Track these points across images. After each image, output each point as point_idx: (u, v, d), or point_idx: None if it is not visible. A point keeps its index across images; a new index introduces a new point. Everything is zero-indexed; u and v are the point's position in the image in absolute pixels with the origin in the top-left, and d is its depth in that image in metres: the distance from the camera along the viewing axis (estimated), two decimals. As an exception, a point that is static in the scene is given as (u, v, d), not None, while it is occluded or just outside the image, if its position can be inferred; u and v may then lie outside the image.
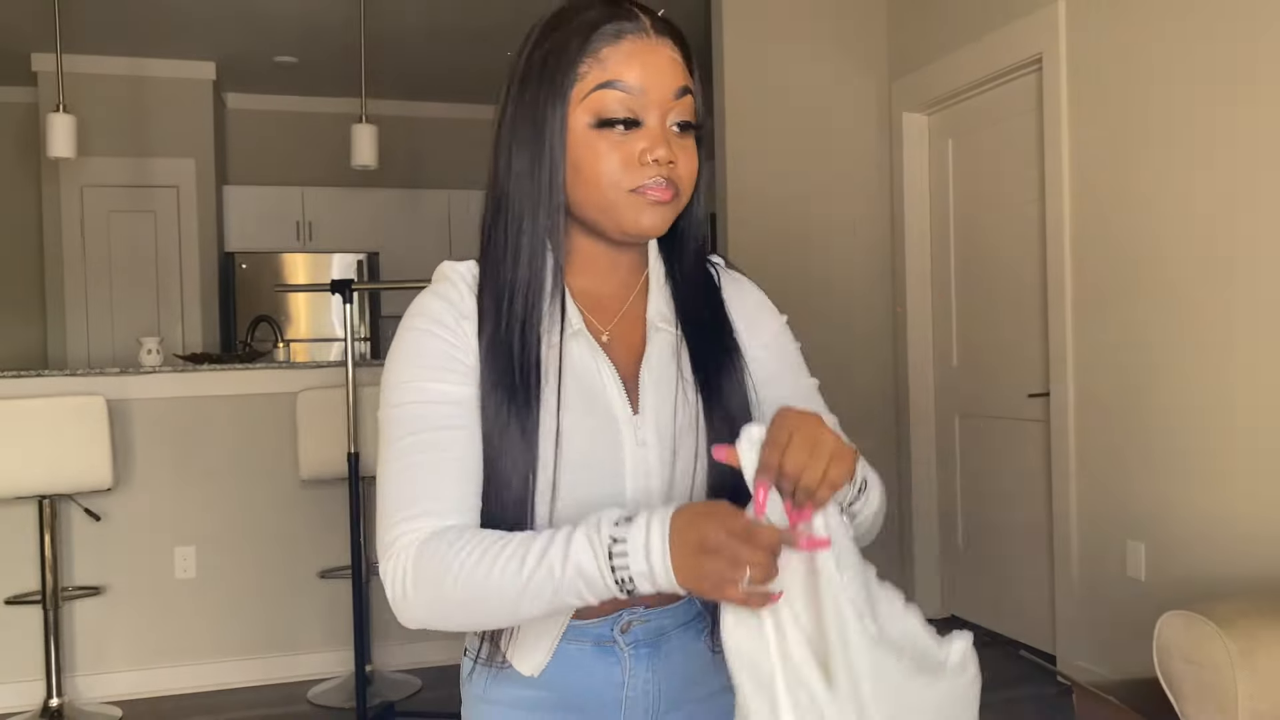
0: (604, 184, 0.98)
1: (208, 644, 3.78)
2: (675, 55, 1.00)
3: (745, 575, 0.82)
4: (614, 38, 0.98)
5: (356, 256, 6.25)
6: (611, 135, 0.97)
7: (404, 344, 1.04)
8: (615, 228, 1.00)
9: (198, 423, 3.78)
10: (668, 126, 0.99)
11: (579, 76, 0.98)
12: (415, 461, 0.96)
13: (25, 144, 6.04)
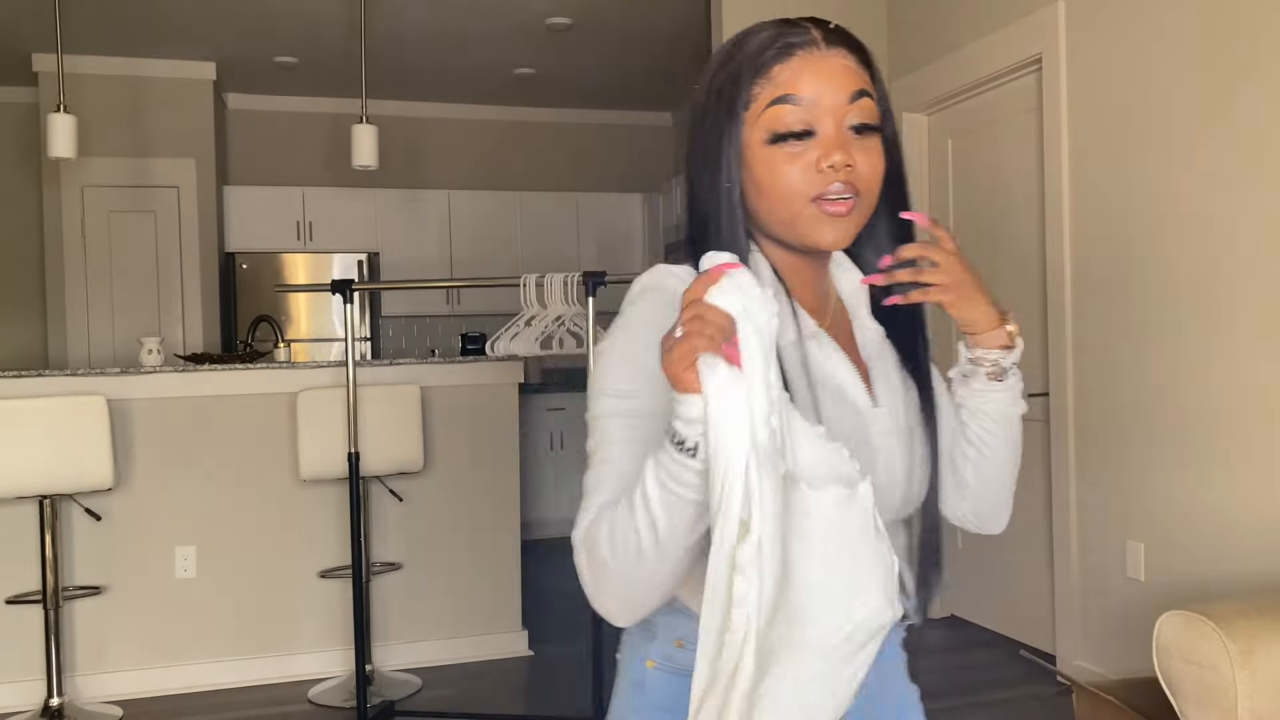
0: (784, 197, 1.00)
1: (208, 644, 3.78)
2: (849, 63, 1.01)
3: (675, 336, 0.84)
4: (784, 54, 1.00)
5: (357, 256, 6.25)
6: (787, 148, 0.99)
7: (628, 351, 1.01)
8: (798, 240, 1.03)
9: (198, 423, 3.78)
10: (844, 130, 1.00)
11: (752, 97, 1.00)
12: (616, 461, 0.98)
13: (26, 144, 6.04)
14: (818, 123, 0.99)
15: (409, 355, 6.79)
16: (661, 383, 0.95)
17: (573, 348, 3.26)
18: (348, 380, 3.41)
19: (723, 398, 0.81)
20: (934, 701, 1.11)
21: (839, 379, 1.05)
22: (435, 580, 4.02)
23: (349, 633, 3.75)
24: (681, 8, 5.15)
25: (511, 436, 4.12)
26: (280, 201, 6.34)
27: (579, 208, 6.85)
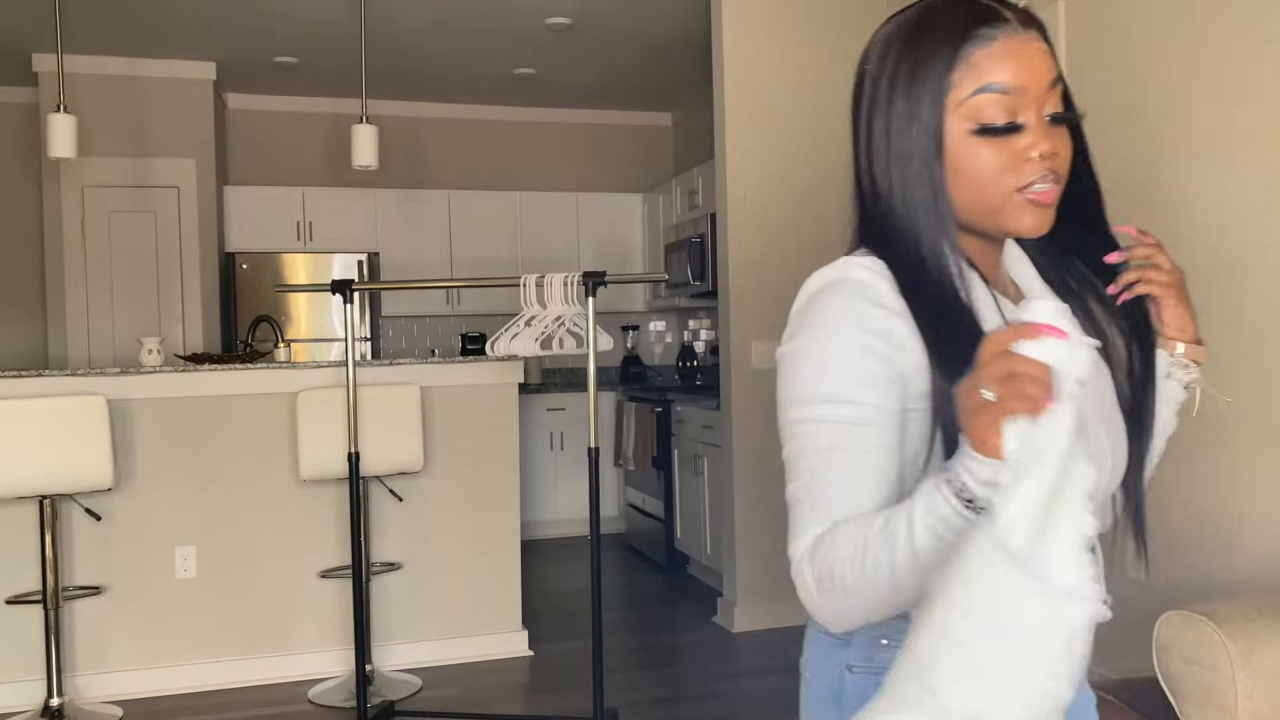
0: (987, 187, 0.98)
1: (208, 644, 3.78)
2: (1043, 46, 0.99)
3: (982, 392, 0.78)
4: (986, 40, 0.97)
5: (357, 256, 6.25)
6: (992, 138, 0.97)
7: (837, 353, 0.97)
8: (996, 228, 1.01)
9: (198, 423, 3.78)
10: (1044, 120, 0.98)
11: (953, 84, 0.97)
12: (834, 474, 0.95)
13: (26, 144, 6.04)
14: (1023, 112, 0.97)
15: (409, 355, 6.79)
16: (886, 387, 0.95)
17: (573, 348, 3.26)
18: (348, 380, 3.41)
19: (1027, 462, 0.75)
20: (934, 701, 1.10)
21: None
22: (435, 580, 4.02)
23: (349, 633, 3.75)
24: (681, 8, 5.15)
25: (511, 436, 4.12)
26: (280, 201, 6.34)
27: (579, 208, 6.85)
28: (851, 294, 0.98)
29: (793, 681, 1.13)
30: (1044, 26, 1.01)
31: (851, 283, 0.99)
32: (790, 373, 0.99)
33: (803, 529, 0.95)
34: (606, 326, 6.87)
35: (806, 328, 0.99)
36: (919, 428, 0.97)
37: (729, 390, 4.29)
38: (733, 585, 4.35)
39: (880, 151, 1.02)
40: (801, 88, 4.37)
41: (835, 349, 0.96)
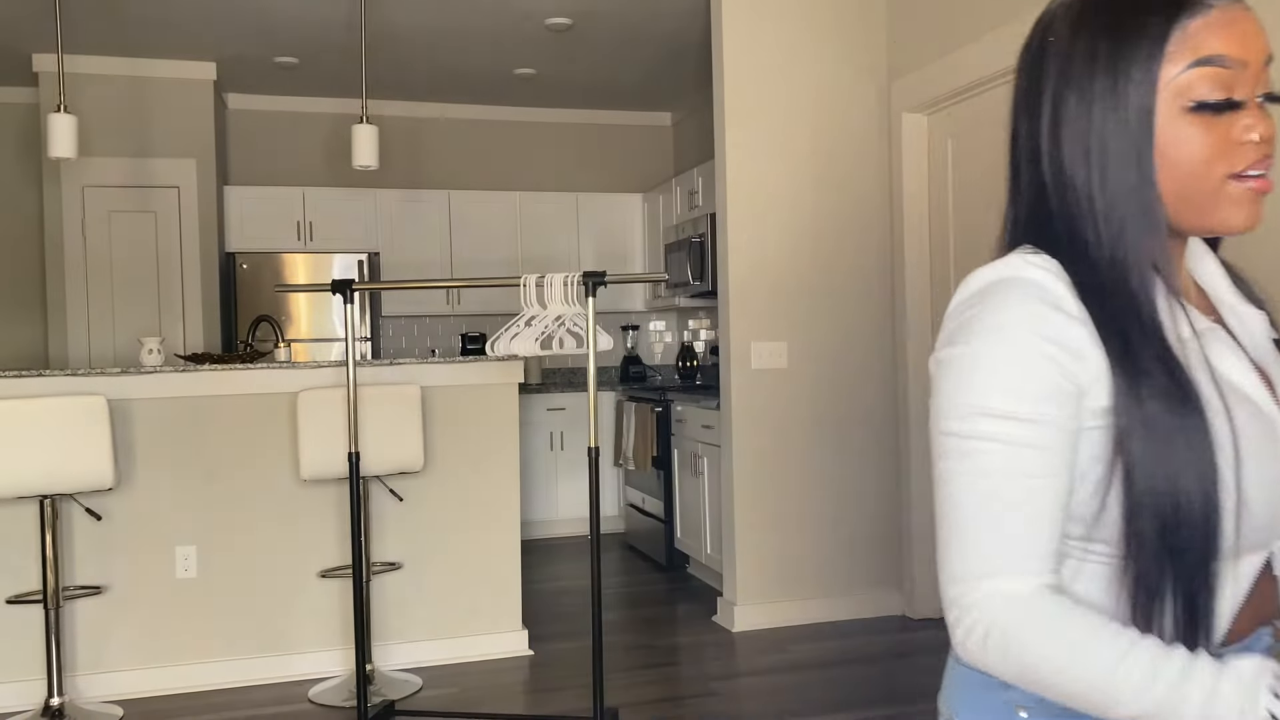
0: (1196, 171, 0.88)
1: (208, 644, 3.78)
2: (1254, 16, 0.89)
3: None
4: (1202, 8, 0.87)
5: (357, 256, 6.25)
6: (1206, 117, 0.88)
7: (1013, 361, 0.87)
8: (1197, 221, 0.91)
9: (198, 423, 3.78)
10: (1256, 100, 0.88)
11: (1166, 56, 0.88)
12: (1005, 504, 0.85)
13: (26, 144, 6.05)
14: (1240, 89, 0.88)
15: (409, 355, 6.79)
16: (1069, 401, 0.86)
17: (573, 348, 3.26)
18: (348, 380, 3.41)
19: None
20: (934, 701, 1.10)
21: (1236, 379, 0.91)
22: (435, 580, 4.02)
23: (349, 633, 3.75)
24: (681, 8, 5.15)
25: (511, 436, 4.12)
26: (280, 201, 6.34)
27: (579, 208, 6.85)
28: (1027, 295, 0.88)
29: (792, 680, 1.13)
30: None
31: (1026, 283, 0.88)
32: (955, 380, 0.88)
33: (972, 566, 0.86)
34: (606, 326, 6.88)
35: (975, 331, 0.88)
36: (1092, 448, 0.88)
37: (729, 390, 4.29)
38: (733, 585, 4.35)
39: (1073, 135, 0.92)
40: (802, 88, 4.37)
41: (1011, 357, 0.86)
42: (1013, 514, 0.85)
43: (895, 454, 4.46)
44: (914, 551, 4.34)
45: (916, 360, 4.36)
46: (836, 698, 3.45)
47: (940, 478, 0.89)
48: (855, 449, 4.39)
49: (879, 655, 3.89)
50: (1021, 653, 0.85)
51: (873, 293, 4.46)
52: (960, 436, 0.87)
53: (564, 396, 6.36)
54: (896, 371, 4.44)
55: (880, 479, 4.46)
